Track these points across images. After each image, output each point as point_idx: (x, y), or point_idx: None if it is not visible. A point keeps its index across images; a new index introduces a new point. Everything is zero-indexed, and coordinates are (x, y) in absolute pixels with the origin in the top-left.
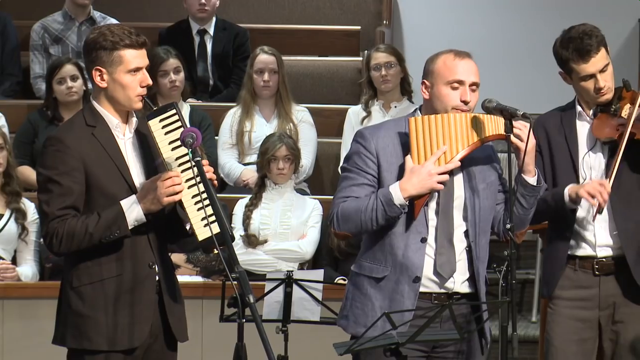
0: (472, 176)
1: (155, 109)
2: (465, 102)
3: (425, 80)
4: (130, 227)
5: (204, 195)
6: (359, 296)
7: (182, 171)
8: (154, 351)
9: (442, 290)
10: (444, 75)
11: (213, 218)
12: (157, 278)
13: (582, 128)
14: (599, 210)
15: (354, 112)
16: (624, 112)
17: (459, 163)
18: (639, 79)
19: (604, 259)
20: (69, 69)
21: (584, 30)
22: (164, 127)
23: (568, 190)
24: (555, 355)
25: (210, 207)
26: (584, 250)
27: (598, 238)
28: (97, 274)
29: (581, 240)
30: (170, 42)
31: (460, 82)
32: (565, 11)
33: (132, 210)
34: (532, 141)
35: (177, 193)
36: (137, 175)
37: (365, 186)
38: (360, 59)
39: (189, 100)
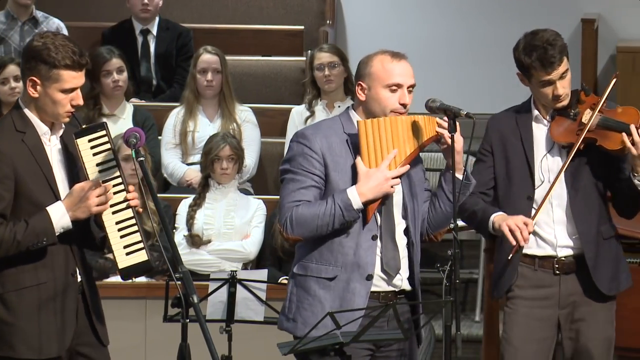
0: (407, 174)
1: (84, 127)
2: (404, 105)
3: (361, 82)
4: (57, 234)
5: (131, 222)
6: (307, 298)
7: None
8: (81, 354)
9: (390, 289)
10: (382, 78)
11: (136, 247)
12: (79, 285)
13: (539, 131)
14: (516, 250)
15: (298, 112)
16: (584, 118)
17: (409, 166)
18: (580, 78)
19: (564, 258)
20: (12, 69)
21: (548, 39)
22: (92, 147)
23: (494, 218)
24: (514, 355)
25: (136, 234)
26: (544, 250)
27: (559, 239)
28: (22, 281)
29: (540, 240)
30: (113, 41)
31: (399, 86)
32: (508, 11)
33: (60, 218)
34: (460, 139)
35: (106, 203)
36: (61, 182)
37: (312, 188)
38: (304, 58)
39: (132, 100)
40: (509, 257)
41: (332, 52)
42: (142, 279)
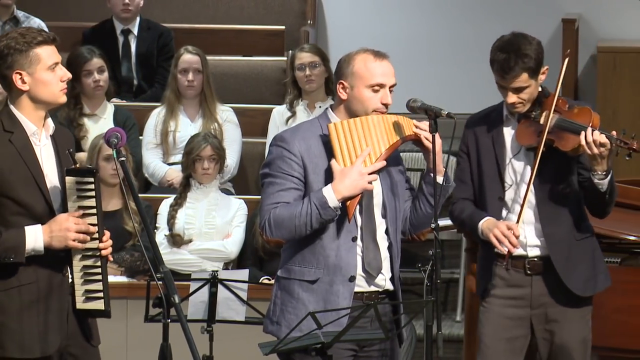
0: (386, 174)
1: (77, 167)
2: (386, 105)
3: (342, 81)
4: (25, 256)
5: (97, 270)
6: (291, 301)
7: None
8: (72, 354)
9: (373, 289)
10: (365, 78)
11: (97, 295)
12: (70, 285)
13: (509, 133)
14: (509, 256)
15: (279, 112)
16: (542, 119)
17: (385, 162)
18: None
19: (535, 259)
20: None
21: (519, 49)
22: (78, 190)
23: (482, 225)
24: (486, 353)
25: (99, 283)
26: (516, 250)
27: (528, 239)
28: (13, 281)
29: None
30: (94, 41)
31: (382, 86)
32: (490, 11)
33: (34, 241)
34: (439, 141)
35: (83, 242)
36: (52, 182)
37: (292, 190)
38: (285, 58)
39: (113, 100)
40: (504, 265)
41: (313, 52)
42: (123, 279)
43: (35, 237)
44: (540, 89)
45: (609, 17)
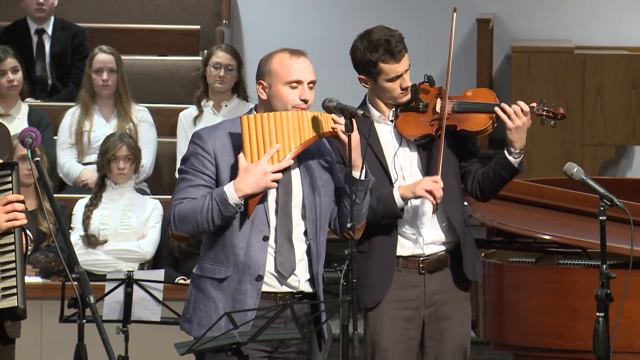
0: (311, 173)
1: None
2: (305, 101)
3: (262, 81)
4: None
5: (12, 265)
6: (202, 298)
7: None
8: None
9: (286, 289)
10: (282, 76)
11: (10, 292)
12: None
13: (383, 130)
14: (436, 208)
15: (186, 116)
16: (437, 108)
17: (292, 161)
18: (477, 77)
19: (428, 257)
20: None
21: (386, 33)
22: None
23: (399, 191)
24: (385, 357)
25: (13, 279)
26: (409, 250)
27: (425, 236)
28: None
29: (404, 239)
30: (7, 41)
31: (299, 82)
32: (405, 11)
33: None
34: (357, 136)
35: (17, 219)
36: None
37: (201, 187)
38: (200, 58)
39: (28, 100)
40: (432, 217)
41: (232, 55)
42: (37, 280)
43: None
44: (426, 80)
45: (523, 18)
